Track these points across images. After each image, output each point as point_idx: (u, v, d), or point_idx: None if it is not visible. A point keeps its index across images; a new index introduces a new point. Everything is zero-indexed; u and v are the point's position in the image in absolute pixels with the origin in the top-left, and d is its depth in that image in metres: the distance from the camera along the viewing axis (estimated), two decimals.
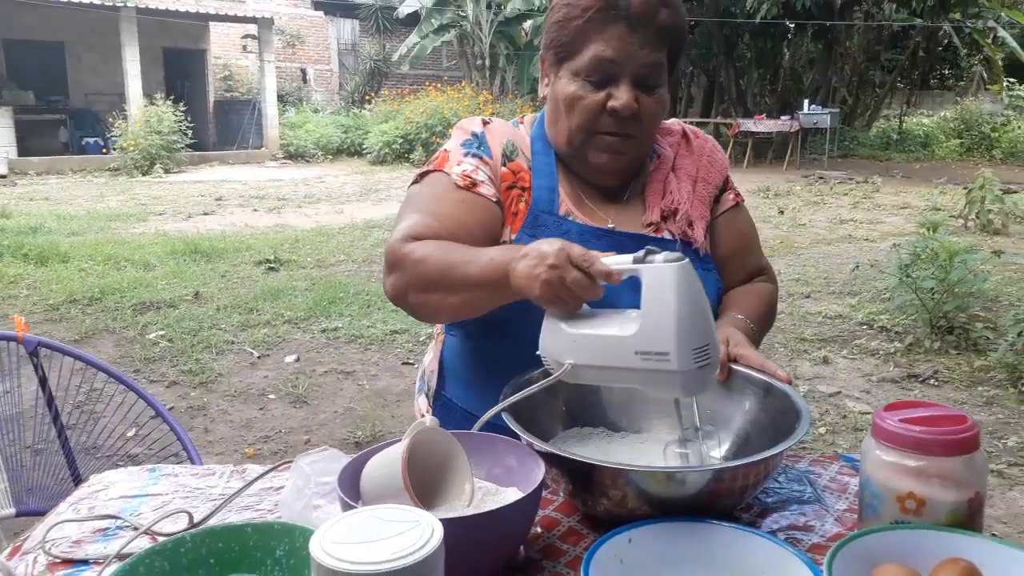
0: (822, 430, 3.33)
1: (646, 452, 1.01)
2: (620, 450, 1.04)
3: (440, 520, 0.72)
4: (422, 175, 1.27)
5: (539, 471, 0.87)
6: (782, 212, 9.32)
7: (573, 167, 1.27)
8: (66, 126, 16.02)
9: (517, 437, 0.95)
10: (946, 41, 19.64)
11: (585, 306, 0.97)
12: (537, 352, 0.98)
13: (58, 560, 0.92)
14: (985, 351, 4.22)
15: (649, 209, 1.28)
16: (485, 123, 1.29)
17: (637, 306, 0.89)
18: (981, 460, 0.84)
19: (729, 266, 1.33)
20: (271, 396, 3.89)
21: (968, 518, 0.83)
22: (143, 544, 0.91)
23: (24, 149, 14.42)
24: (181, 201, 10.62)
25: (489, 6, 16.61)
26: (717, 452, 0.98)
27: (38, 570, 0.90)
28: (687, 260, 0.87)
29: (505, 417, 0.96)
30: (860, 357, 4.32)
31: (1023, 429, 3.32)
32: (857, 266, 5.16)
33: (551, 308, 0.96)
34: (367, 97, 19.91)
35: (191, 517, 0.94)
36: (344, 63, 22.03)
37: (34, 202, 10.40)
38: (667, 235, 1.26)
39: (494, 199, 1.22)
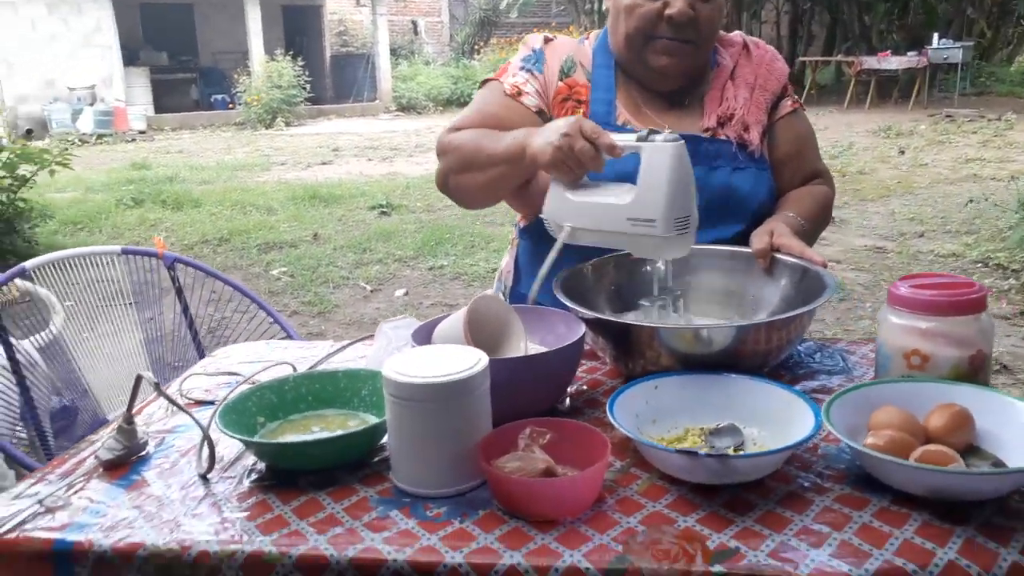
0: None
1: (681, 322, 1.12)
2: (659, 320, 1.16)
3: (491, 359, 0.87)
4: (484, 82, 1.42)
5: (581, 329, 1.01)
6: (903, 152, 8.87)
7: (634, 73, 1.37)
8: (196, 84, 16.97)
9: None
10: None
11: (587, 178, 1.10)
12: (540, 215, 1.12)
13: (192, 401, 1.13)
14: None
15: (707, 115, 1.36)
16: (548, 40, 1.41)
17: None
18: (987, 321, 0.92)
19: (786, 168, 1.40)
20: None
21: (970, 373, 0.91)
22: None
23: (159, 107, 15.41)
24: (301, 152, 11.16)
25: None
26: (681, 310, 1.12)
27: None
28: (682, 141, 1.00)
29: (556, 293, 1.10)
30: None
31: None
32: (971, 200, 4.92)
33: (558, 175, 1.10)
34: (476, 47, 20.01)
35: (294, 368, 1.13)
36: (454, 14, 22.15)
37: (169, 155, 11.18)
38: (724, 138, 1.34)
39: (535, 109, 1.36)
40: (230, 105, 15.76)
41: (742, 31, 1.49)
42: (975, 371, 0.91)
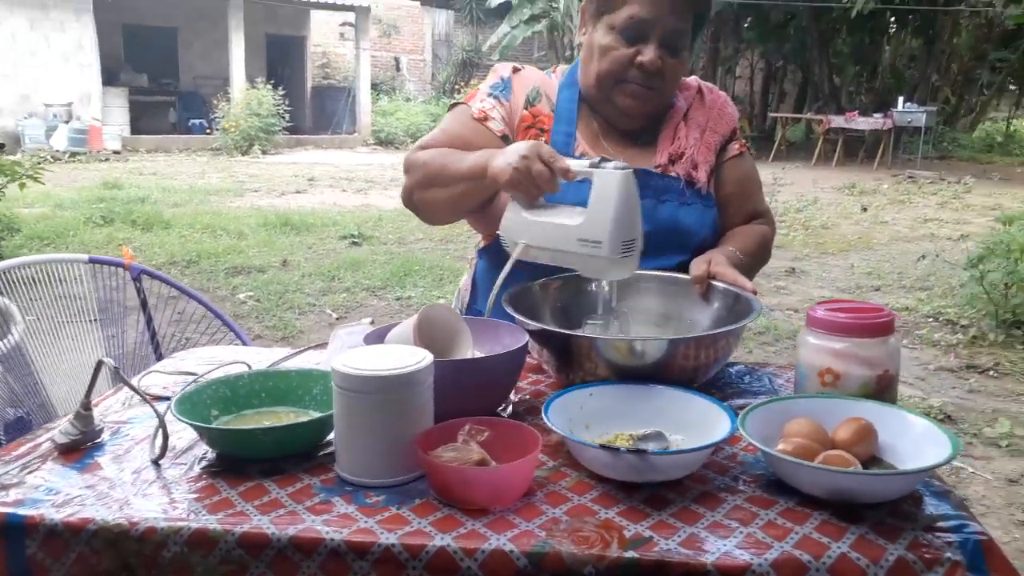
0: None
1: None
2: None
3: (436, 360, 0.93)
4: (453, 105, 1.50)
5: (524, 338, 1.07)
6: (865, 209, 9.16)
7: (598, 109, 1.46)
8: (175, 107, 17.01)
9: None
10: None
11: (543, 199, 1.17)
12: (497, 231, 1.19)
13: (150, 396, 1.17)
14: None
15: (659, 152, 1.45)
16: (516, 69, 1.50)
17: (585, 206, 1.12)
18: (894, 344, 1.00)
19: (731, 206, 1.49)
20: None
21: (877, 391, 0.98)
22: None
23: (136, 128, 15.40)
24: (276, 180, 11.21)
25: None
26: (624, 329, 1.19)
27: (134, 402, 1.15)
28: (631, 170, 1.08)
29: (505, 306, 1.16)
30: (920, 347, 4.32)
31: None
32: (923, 257, 5.11)
33: (516, 194, 1.18)
34: (457, 87, 20.33)
35: (249, 367, 1.18)
36: (437, 53, 22.52)
37: (143, 176, 11.16)
38: (674, 175, 1.43)
39: (500, 134, 1.44)
40: (208, 130, 15.80)
41: (716, 85, 1.59)
42: (882, 390, 0.98)
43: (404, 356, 0.91)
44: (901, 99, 14.44)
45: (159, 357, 2.16)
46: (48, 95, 13.66)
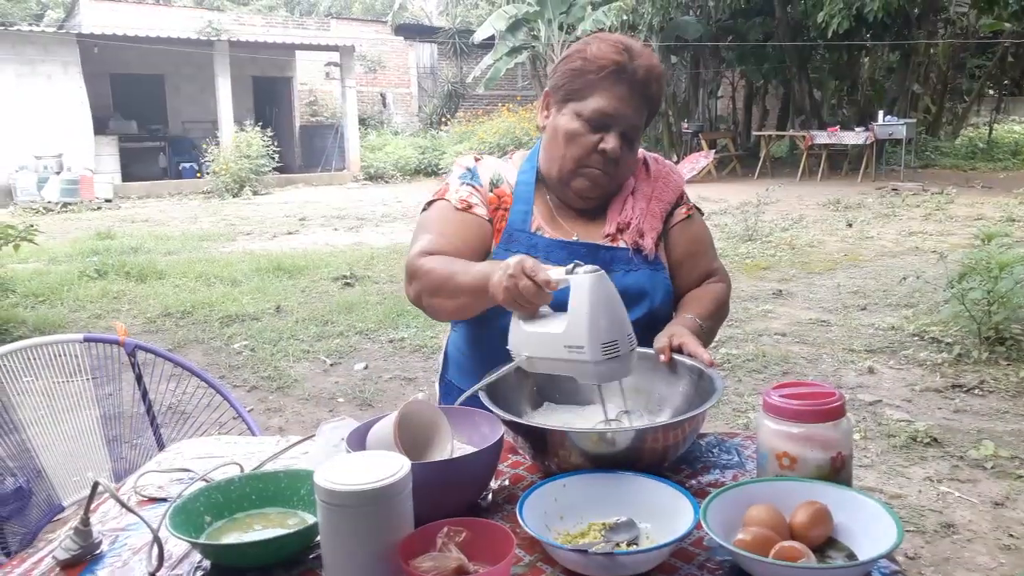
0: (856, 436, 3.44)
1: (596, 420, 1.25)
2: (575, 419, 1.29)
3: (412, 463, 0.99)
4: (429, 203, 1.56)
5: (500, 431, 1.13)
6: (850, 225, 9.25)
7: (555, 190, 1.55)
8: (165, 152, 17.15)
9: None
10: None
11: (547, 308, 1.22)
12: (507, 346, 1.24)
13: (145, 498, 1.22)
14: None
15: (608, 223, 1.54)
16: (477, 159, 1.60)
17: None
18: (845, 426, 1.06)
19: (683, 268, 1.58)
20: (340, 400, 4.25)
21: (832, 472, 1.04)
22: None
23: (127, 175, 15.52)
24: (267, 221, 11.29)
25: (561, 27, 16.92)
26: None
27: (132, 504, 1.20)
28: (602, 272, 1.12)
29: (481, 396, 1.22)
30: (907, 367, 4.38)
31: None
32: (905, 278, 5.18)
33: (513, 310, 1.22)
34: (443, 119, 20.52)
35: (241, 467, 1.23)
36: (423, 86, 22.76)
37: (135, 224, 11.24)
38: (622, 244, 1.51)
39: (487, 218, 1.52)
40: (198, 174, 15.93)
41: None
42: (836, 471, 1.04)
43: (382, 465, 0.97)
44: (881, 112, 14.60)
45: (156, 429, 2.21)
46: (38, 147, 13.77)
